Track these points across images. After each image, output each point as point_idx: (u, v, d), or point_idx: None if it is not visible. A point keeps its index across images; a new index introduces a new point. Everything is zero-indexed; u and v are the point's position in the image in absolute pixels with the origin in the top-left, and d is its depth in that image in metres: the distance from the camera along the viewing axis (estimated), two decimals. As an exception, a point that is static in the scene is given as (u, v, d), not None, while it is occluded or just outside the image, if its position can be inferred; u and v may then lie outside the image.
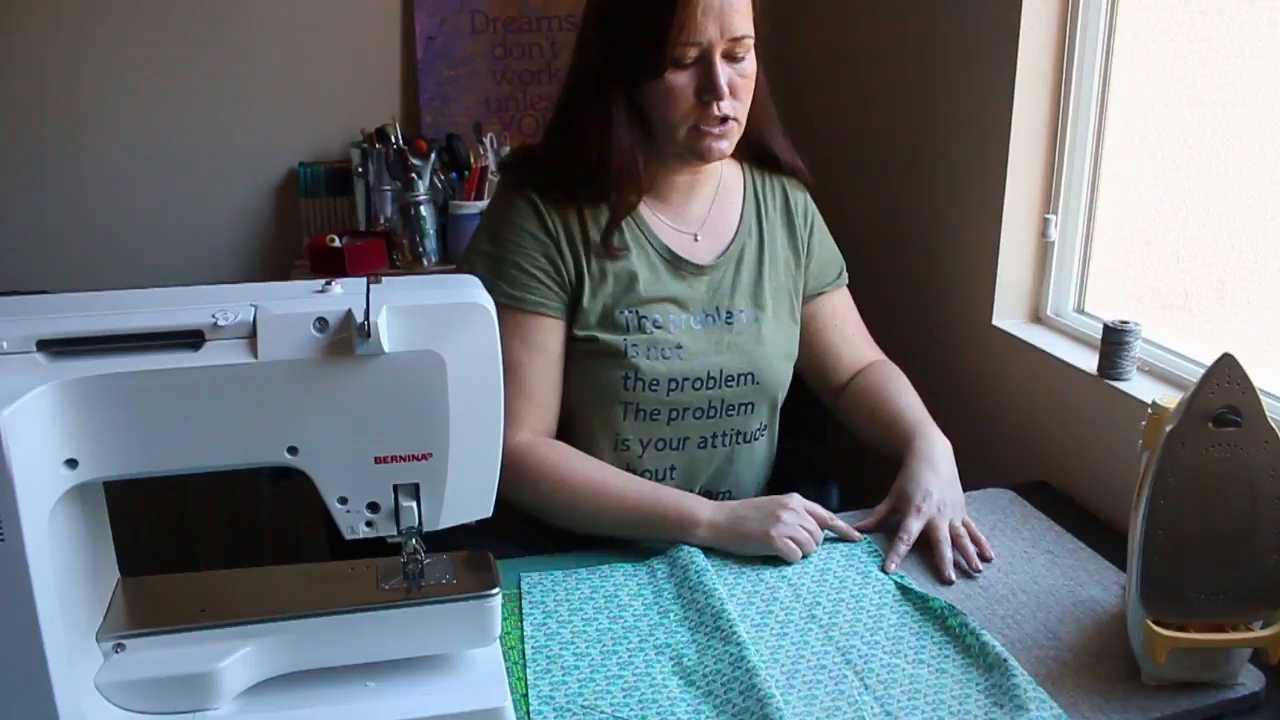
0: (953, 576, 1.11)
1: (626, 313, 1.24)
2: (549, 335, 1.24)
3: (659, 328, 1.25)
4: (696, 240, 1.30)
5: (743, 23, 1.16)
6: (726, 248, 1.31)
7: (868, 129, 1.95)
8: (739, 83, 1.19)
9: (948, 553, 1.13)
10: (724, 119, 1.19)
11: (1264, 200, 1.22)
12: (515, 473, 1.14)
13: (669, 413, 1.27)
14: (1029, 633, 1.02)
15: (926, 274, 1.76)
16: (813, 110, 2.16)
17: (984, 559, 1.15)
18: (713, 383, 1.28)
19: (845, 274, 1.45)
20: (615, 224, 1.24)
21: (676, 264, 1.27)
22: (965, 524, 1.18)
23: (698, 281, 1.29)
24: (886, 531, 1.20)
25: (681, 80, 1.17)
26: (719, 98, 1.17)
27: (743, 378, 1.29)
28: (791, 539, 1.13)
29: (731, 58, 1.17)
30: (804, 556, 1.14)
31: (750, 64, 1.20)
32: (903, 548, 1.14)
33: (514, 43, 2.39)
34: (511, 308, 1.21)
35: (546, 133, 1.29)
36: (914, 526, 1.16)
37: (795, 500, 1.17)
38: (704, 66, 1.16)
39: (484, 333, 0.81)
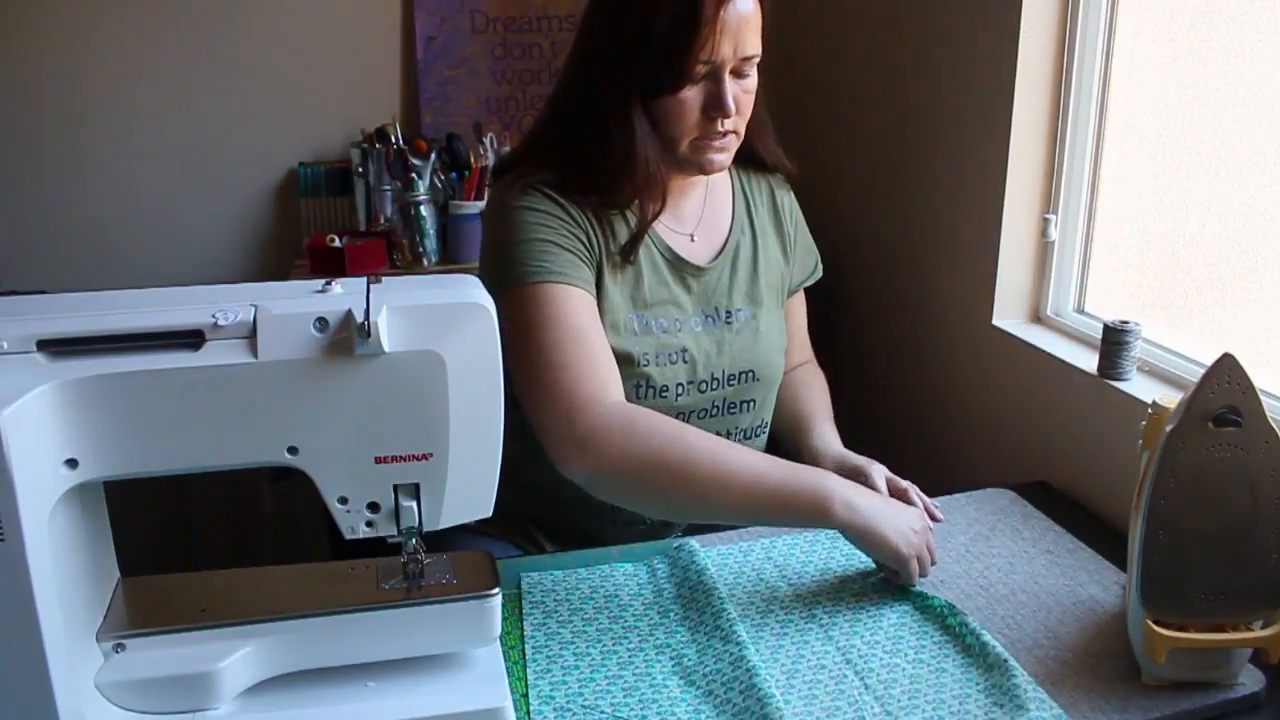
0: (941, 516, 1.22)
1: (633, 317, 1.23)
2: (591, 308, 1.18)
3: (665, 331, 1.25)
4: (694, 240, 1.30)
5: (755, 42, 1.16)
6: (722, 248, 1.31)
7: (867, 129, 1.95)
8: (743, 99, 1.18)
9: (918, 500, 1.22)
10: (726, 134, 1.19)
11: (1264, 200, 1.22)
12: (625, 428, 1.07)
13: (676, 417, 1.26)
14: (1029, 633, 1.02)
15: (926, 274, 1.76)
16: (813, 110, 2.16)
17: (934, 520, 1.22)
18: (716, 384, 1.28)
19: (820, 268, 1.46)
20: (640, 236, 1.22)
21: (678, 265, 1.27)
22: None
23: (696, 283, 1.28)
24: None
25: (690, 95, 1.16)
26: (726, 115, 1.16)
27: (743, 375, 1.30)
28: (919, 560, 1.08)
29: (738, 74, 1.17)
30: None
31: (754, 80, 1.20)
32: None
33: (514, 43, 2.39)
34: (561, 284, 1.15)
35: (543, 140, 1.25)
36: (881, 480, 1.21)
37: (925, 516, 1.13)
38: (713, 83, 1.15)
39: (484, 333, 0.81)
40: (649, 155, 1.18)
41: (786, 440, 1.39)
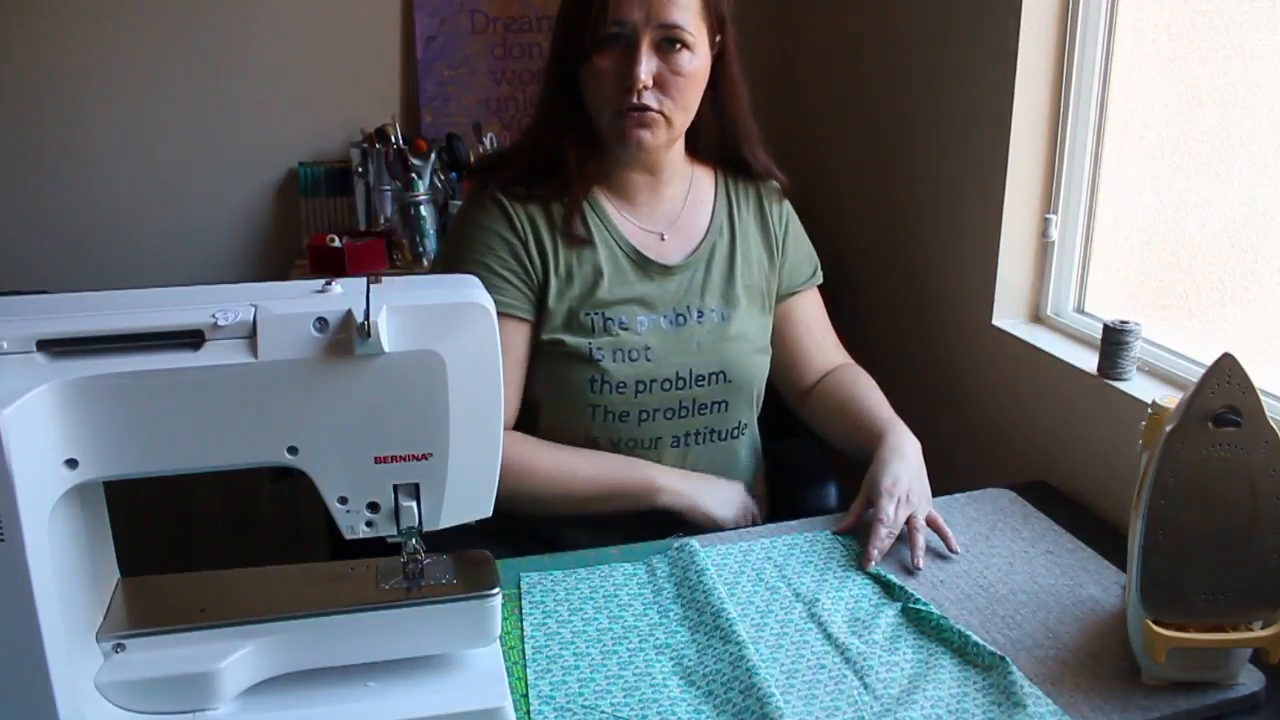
0: (921, 564, 1.13)
1: (592, 315, 1.24)
2: (514, 337, 1.23)
3: (625, 329, 1.25)
4: (663, 240, 1.30)
5: (678, 15, 1.16)
6: (696, 248, 1.31)
7: (868, 129, 1.95)
8: (670, 78, 1.18)
9: (921, 540, 1.14)
10: (644, 108, 1.18)
11: (1264, 200, 1.22)
12: None
13: (639, 414, 1.26)
14: (1029, 633, 1.02)
15: (926, 274, 1.76)
16: (812, 110, 2.16)
17: (951, 550, 1.16)
18: (682, 383, 1.27)
19: (819, 273, 1.45)
20: (573, 210, 1.25)
21: (643, 264, 1.27)
22: (930, 519, 1.17)
23: (666, 282, 1.28)
24: (865, 529, 1.18)
25: (604, 64, 1.17)
26: (634, 83, 1.16)
27: (713, 376, 1.29)
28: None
29: (665, 50, 1.17)
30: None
31: (689, 61, 1.19)
32: (884, 533, 1.13)
33: (514, 43, 2.39)
34: None
35: (523, 134, 1.33)
36: (891, 510, 1.14)
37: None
38: (628, 51, 1.16)
39: (484, 333, 0.81)
40: (564, 126, 1.23)
41: (853, 448, 1.31)
